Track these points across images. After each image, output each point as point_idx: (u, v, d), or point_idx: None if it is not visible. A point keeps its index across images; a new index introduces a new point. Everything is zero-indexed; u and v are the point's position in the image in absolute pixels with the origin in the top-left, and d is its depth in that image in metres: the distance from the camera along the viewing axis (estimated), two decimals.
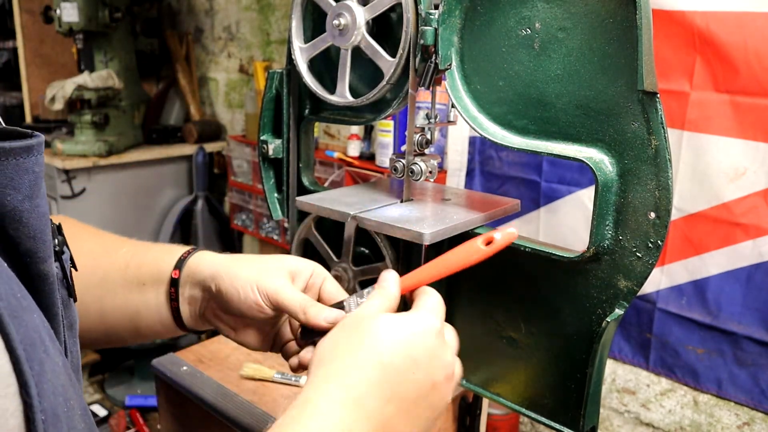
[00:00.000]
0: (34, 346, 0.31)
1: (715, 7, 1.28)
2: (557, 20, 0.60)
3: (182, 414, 0.82)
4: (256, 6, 2.53)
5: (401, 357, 0.47)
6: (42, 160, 0.34)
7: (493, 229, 0.64)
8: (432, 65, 0.67)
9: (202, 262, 0.61)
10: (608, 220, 0.61)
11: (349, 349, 0.48)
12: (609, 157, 0.60)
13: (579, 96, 0.60)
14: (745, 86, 1.28)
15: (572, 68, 0.60)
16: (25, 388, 0.29)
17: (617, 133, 0.59)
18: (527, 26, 0.62)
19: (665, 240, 0.58)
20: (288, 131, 0.86)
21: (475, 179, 1.78)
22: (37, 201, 0.34)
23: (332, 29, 0.73)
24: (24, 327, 0.30)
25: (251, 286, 0.57)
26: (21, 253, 0.34)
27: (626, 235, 0.60)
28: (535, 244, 0.66)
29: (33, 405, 0.30)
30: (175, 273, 0.62)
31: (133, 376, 2.45)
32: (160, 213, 2.70)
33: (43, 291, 0.36)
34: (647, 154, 0.57)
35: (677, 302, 1.46)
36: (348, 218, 0.74)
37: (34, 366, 0.30)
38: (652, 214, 0.58)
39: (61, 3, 2.22)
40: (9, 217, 0.32)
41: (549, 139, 0.63)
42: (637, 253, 0.60)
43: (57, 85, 2.28)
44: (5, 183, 0.32)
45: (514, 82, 0.64)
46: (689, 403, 1.51)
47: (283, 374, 0.79)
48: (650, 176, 0.58)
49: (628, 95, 0.57)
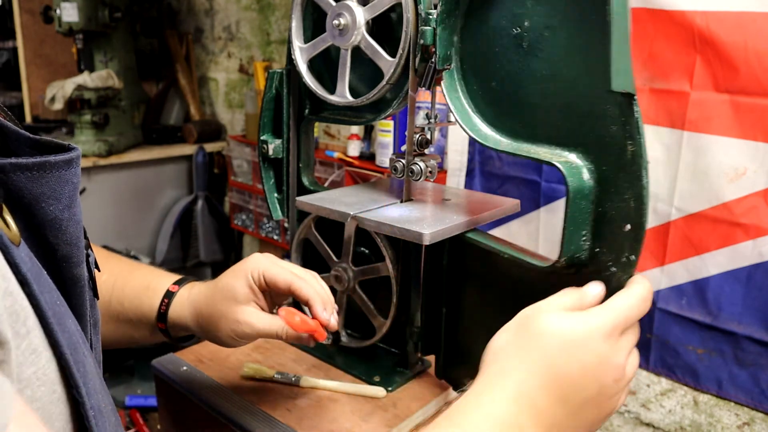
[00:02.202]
0: (76, 350, 0.33)
1: (715, 7, 1.28)
2: (544, 18, 0.58)
3: (182, 414, 0.82)
4: (256, 6, 2.53)
5: (569, 360, 0.47)
6: (79, 172, 0.36)
7: None
8: (432, 66, 0.67)
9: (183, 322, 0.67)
10: (585, 230, 0.57)
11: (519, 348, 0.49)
12: (588, 162, 0.57)
13: (562, 97, 0.58)
14: (745, 86, 1.28)
15: (556, 68, 0.58)
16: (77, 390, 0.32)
17: (597, 138, 0.55)
18: (518, 24, 0.60)
19: (639, 255, 0.54)
20: (288, 131, 0.86)
21: (475, 179, 1.78)
22: (74, 210, 0.36)
23: (332, 29, 0.73)
24: (67, 333, 0.32)
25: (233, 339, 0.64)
26: (58, 258, 0.36)
27: (603, 248, 0.56)
28: (514, 250, 0.65)
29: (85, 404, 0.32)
30: (160, 325, 0.67)
31: (133, 376, 2.45)
32: (160, 213, 2.70)
33: (75, 293, 0.38)
34: (624, 161, 0.54)
35: (677, 302, 1.46)
36: (348, 218, 0.74)
37: (80, 368, 0.32)
38: (627, 227, 0.54)
39: (61, 3, 2.21)
40: (50, 226, 0.34)
41: (535, 141, 0.61)
42: (612, 267, 0.56)
43: (57, 85, 2.28)
44: (48, 194, 0.34)
45: (505, 82, 0.63)
46: (689, 403, 1.51)
47: (283, 374, 0.79)
48: (626, 185, 0.54)
49: (607, 97, 0.54)
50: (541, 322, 0.49)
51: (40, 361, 0.30)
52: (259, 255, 0.66)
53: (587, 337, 0.48)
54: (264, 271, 0.64)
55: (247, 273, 0.64)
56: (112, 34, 2.45)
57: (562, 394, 0.47)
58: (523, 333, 0.49)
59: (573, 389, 0.47)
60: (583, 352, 0.47)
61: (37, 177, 0.33)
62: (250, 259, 0.66)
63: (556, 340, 0.48)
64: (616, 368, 0.49)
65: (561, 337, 0.48)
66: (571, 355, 0.47)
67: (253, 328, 0.62)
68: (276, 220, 1.43)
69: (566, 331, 0.48)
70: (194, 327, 0.66)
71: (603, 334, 0.48)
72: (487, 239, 0.69)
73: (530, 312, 0.51)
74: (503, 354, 0.49)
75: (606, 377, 0.48)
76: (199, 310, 0.65)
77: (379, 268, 0.76)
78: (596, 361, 0.47)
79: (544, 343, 0.48)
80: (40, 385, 0.29)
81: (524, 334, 0.49)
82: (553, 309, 0.50)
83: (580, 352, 0.47)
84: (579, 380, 0.47)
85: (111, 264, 0.71)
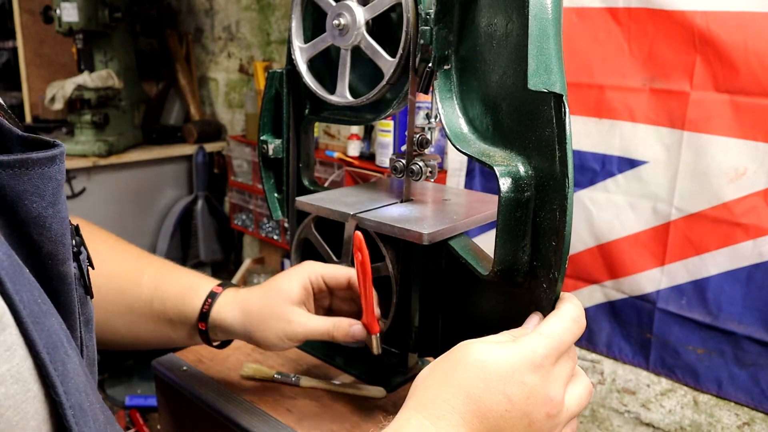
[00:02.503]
0: (56, 349, 0.33)
1: (715, 7, 1.28)
2: (507, 13, 0.56)
3: (182, 414, 0.82)
4: (256, 6, 2.53)
5: (493, 393, 0.43)
6: (63, 168, 0.36)
7: None
8: (430, 69, 0.66)
9: (228, 321, 0.67)
10: (525, 242, 0.53)
11: (439, 379, 0.45)
12: (529, 168, 0.53)
13: (514, 98, 0.55)
14: (745, 86, 1.28)
15: (512, 67, 0.55)
16: (53, 389, 0.32)
17: (536, 141, 0.51)
18: (492, 23, 0.59)
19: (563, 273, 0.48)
20: (288, 131, 0.86)
21: (475, 179, 1.78)
22: (58, 207, 0.36)
23: (332, 29, 0.73)
24: (46, 331, 0.32)
25: (282, 340, 0.65)
26: (43, 255, 0.36)
27: (539, 261, 0.52)
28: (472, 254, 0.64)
29: (63, 403, 0.32)
30: (201, 325, 0.68)
31: (133, 376, 2.45)
32: (160, 213, 2.70)
33: (61, 290, 0.37)
34: (554, 168, 0.49)
35: (677, 302, 1.46)
36: (348, 218, 0.74)
37: (58, 367, 0.32)
38: (554, 240, 0.49)
39: (61, 3, 2.22)
40: (34, 223, 0.34)
41: (497, 144, 0.58)
42: (543, 283, 0.51)
43: (57, 85, 2.28)
44: (31, 191, 0.34)
45: (481, 83, 0.61)
46: (689, 403, 1.51)
47: (283, 374, 0.79)
48: (554, 194, 0.49)
49: (544, 97, 0.49)
50: (466, 353, 0.45)
51: (14, 359, 0.30)
52: (311, 261, 0.70)
53: (513, 368, 0.43)
54: (322, 272, 0.68)
55: (303, 275, 0.67)
56: (112, 34, 2.45)
57: (486, 429, 0.43)
58: (446, 364, 0.46)
59: (497, 423, 0.43)
60: (508, 384, 0.43)
61: (19, 174, 0.33)
62: (304, 264, 0.69)
63: (479, 372, 0.44)
64: (548, 401, 0.44)
65: (484, 368, 0.44)
66: (495, 387, 0.43)
67: (305, 327, 0.65)
68: (276, 220, 1.43)
69: (490, 362, 0.44)
70: (238, 328, 0.67)
71: (531, 365, 0.44)
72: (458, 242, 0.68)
73: (461, 344, 0.47)
74: (423, 386, 0.46)
75: (536, 412, 0.44)
76: (248, 309, 0.67)
77: (379, 268, 0.76)
78: (524, 395, 0.43)
79: (465, 374, 0.44)
80: (14, 383, 0.30)
81: (447, 365, 0.46)
82: (485, 341, 0.46)
83: (505, 384, 0.43)
84: (504, 415, 0.43)
85: (154, 266, 0.72)
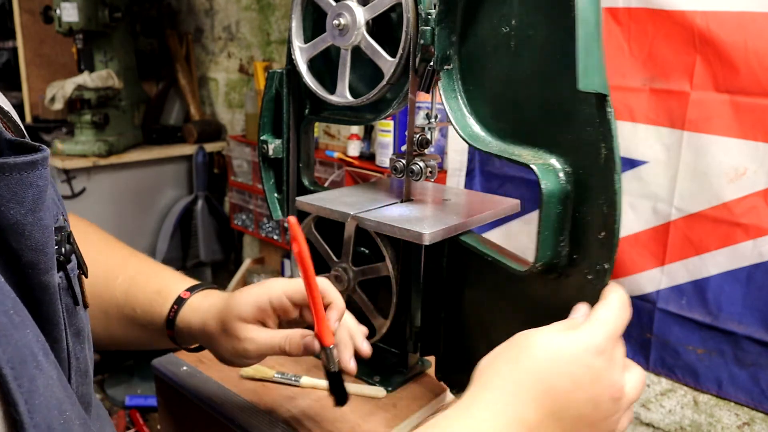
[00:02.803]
0: (24, 363, 0.31)
1: (715, 7, 1.28)
2: (528, 16, 0.57)
3: (182, 414, 0.82)
4: (256, 6, 2.53)
5: (560, 374, 0.45)
6: (47, 174, 0.35)
7: None
8: (431, 69, 0.67)
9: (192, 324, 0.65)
10: (563, 236, 0.55)
11: (508, 362, 0.47)
12: (566, 165, 0.55)
13: (543, 98, 0.57)
14: (745, 86, 1.28)
15: (538, 68, 0.57)
16: (14, 407, 0.30)
17: (574, 140, 0.54)
18: (506, 24, 0.59)
19: (612, 264, 0.52)
20: (288, 131, 0.86)
21: (475, 179, 1.78)
22: (40, 214, 0.34)
23: (332, 29, 0.73)
24: (13, 345, 0.30)
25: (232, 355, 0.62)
26: (23, 264, 0.34)
27: (580, 255, 0.55)
28: (498, 252, 0.64)
29: (23, 422, 0.30)
30: (169, 332, 0.66)
31: (133, 376, 2.45)
32: (160, 213, 2.70)
33: (43, 301, 0.36)
34: (598, 165, 0.52)
35: (677, 302, 1.46)
36: (348, 218, 0.74)
37: (23, 383, 0.30)
38: (601, 233, 0.52)
39: (61, 3, 2.21)
40: (12, 230, 0.33)
41: (520, 143, 0.60)
42: (588, 275, 0.54)
43: (57, 85, 2.27)
44: (9, 197, 0.32)
45: (495, 83, 0.62)
46: (689, 403, 1.51)
47: (283, 374, 0.79)
48: (600, 189, 0.52)
49: (582, 98, 0.52)
50: (531, 339, 0.48)
51: None
52: (275, 279, 0.65)
53: (578, 351, 0.46)
54: (284, 289, 0.62)
55: (260, 294, 0.62)
56: (112, 34, 2.45)
57: (554, 410, 0.45)
58: (513, 348, 0.48)
59: (565, 405, 0.45)
60: (575, 367, 0.45)
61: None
62: (266, 282, 0.64)
63: (547, 354, 0.46)
64: (613, 385, 0.47)
65: (551, 351, 0.46)
66: (562, 369, 0.45)
67: (256, 344, 0.60)
68: (276, 220, 1.43)
69: (556, 346, 0.46)
70: (201, 337, 0.65)
71: (594, 349, 0.46)
72: (476, 241, 0.69)
73: (521, 333, 0.49)
74: (492, 369, 0.48)
75: (602, 395, 0.46)
76: (206, 322, 0.64)
77: (379, 268, 0.76)
78: (589, 377, 0.46)
79: (534, 356, 0.46)
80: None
81: (513, 350, 0.48)
82: (544, 330, 0.49)
83: (572, 367, 0.45)
84: (571, 395, 0.45)
85: (130, 268, 0.70)
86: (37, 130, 2.51)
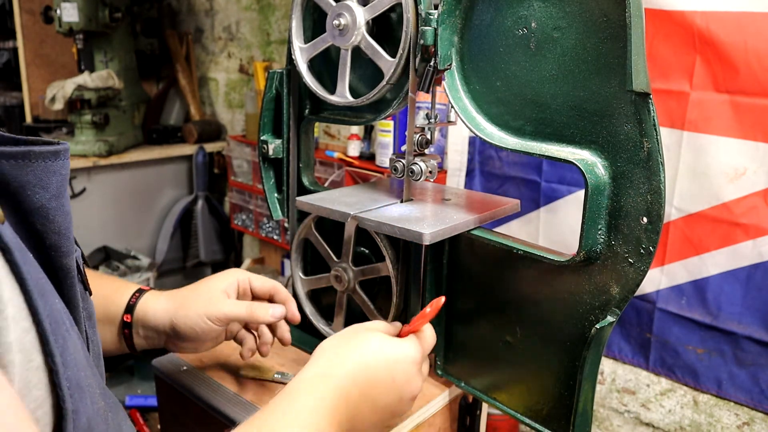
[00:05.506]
0: (58, 324, 0.34)
1: (715, 7, 1.28)
2: (552, 19, 0.59)
3: (182, 414, 0.82)
4: (256, 6, 2.53)
5: (384, 369, 0.58)
6: (68, 165, 0.38)
7: None
8: (431, 68, 0.67)
9: (151, 310, 0.70)
10: (600, 225, 0.59)
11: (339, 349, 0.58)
12: (602, 159, 0.59)
13: (573, 97, 0.59)
14: (745, 86, 1.28)
15: (567, 68, 0.59)
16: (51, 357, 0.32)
17: (610, 135, 0.57)
18: (524, 26, 0.61)
19: (657, 246, 0.57)
20: (288, 131, 0.86)
21: (475, 179, 1.78)
22: (62, 200, 0.37)
23: (332, 29, 0.73)
24: (50, 306, 0.33)
25: (202, 319, 0.69)
26: (47, 247, 0.37)
27: (619, 241, 0.59)
28: (528, 246, 0.66)
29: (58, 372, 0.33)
30: (126, 317, 0.70)
31: (133, 376, 2.45)
32: (160, 213, 2.70)
33: (65, 283, 0.39)
34: (639, 157, 0.56)
35: (677, 302, 1.46)
36: (348, 218, 0.74)
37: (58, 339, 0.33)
38: (644, 219, 0.57)
39: (61, 3, 2.22)
40: (37, 214, 0.36)
41: (544, 140, 0.63)
42: (630, 259, 0.58)
43: (57, 85, 2.28)
44: (35, 182, 0.35)
45: (511, 82, 0.64)
46: (689, 403, 1.51)
47: (283, 374, 0.79)
48: (642, 180, 0.56)
49: (621, 96, 0.56)
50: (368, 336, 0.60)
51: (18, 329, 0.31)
52: (237, 269, 0.76)
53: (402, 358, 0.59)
54: (250, 277, 0.74)
55: (231, 275, 0.73)
56: (112, 34, 2.45)
57: (371, 395, 0.56)
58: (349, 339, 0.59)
59: (379, 393, 0.57)
60: (397, 368, 0.58)
61: (22, 165, 0.34)
62: (232, 270, 0.75)
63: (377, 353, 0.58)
64: (415, 390, 0.60)
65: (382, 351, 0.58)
66: (387, 366, 0.58)
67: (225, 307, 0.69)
68: (276, 220, 1.43)
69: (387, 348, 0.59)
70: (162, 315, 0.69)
71: (412, 360, 0.60)
72: (495, 236, 0.69)
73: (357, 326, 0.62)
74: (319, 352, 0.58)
75: (407, 393, 0.59)
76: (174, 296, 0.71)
77: (379, 268, 0.76)
78: (404, 379, 0.58)
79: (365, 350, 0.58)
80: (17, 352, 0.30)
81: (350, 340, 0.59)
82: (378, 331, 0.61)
83: (395, 367, 0.58)
84: (386, 387, 0.57)
85: None
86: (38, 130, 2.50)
